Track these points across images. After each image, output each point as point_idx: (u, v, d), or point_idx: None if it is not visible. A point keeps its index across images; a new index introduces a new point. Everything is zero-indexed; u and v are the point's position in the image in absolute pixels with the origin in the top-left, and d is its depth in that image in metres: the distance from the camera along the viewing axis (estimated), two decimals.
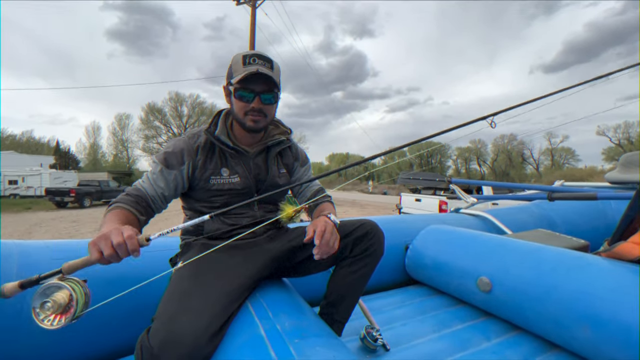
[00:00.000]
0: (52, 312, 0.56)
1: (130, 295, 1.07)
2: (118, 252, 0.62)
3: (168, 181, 0.90)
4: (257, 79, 0.88)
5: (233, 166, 0.96)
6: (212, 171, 0.94)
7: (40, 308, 0.56)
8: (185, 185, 0.94)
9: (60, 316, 0.56)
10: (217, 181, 0.93)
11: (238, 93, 0.90)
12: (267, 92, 0.91)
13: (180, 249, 1.00)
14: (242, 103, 0.91)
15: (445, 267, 1.50)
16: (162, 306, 0.71)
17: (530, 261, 1.20)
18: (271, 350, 0.57)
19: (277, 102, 0.97)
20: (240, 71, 0.88)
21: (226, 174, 0.95)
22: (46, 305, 0.56)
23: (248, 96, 0.90)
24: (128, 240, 0.63)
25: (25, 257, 0.99)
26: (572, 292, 1.01)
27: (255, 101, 0.90)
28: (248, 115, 0.91)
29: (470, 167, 47.69)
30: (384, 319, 1.31)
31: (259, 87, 0.90)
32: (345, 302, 1.00)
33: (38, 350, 0.92)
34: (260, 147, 1.00)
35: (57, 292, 0.57)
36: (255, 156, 1.00)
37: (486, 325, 1.26)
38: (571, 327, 0.98)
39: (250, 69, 0.87)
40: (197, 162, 0.93)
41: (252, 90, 0.89)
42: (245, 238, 0.96)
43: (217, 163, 0.95)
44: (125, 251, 0.62)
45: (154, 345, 0.62)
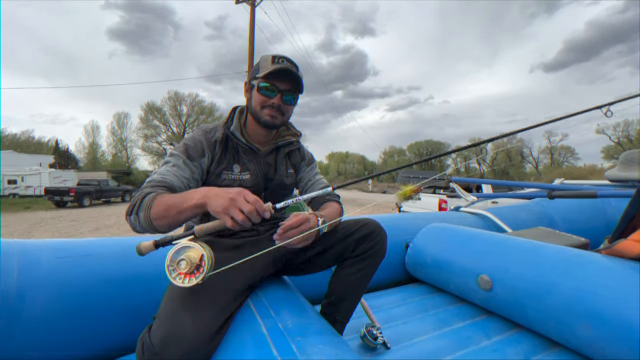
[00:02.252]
0: (185, 269, 0.61)
1: (131, 293, 1.08)
2: (250, 217, 0.65)
3: (192, 172, 0.89)
4: (283, 76, 0.91)
5: (245, 163, 0.97)
6: (225, 166, 0.95)
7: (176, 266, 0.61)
8: (204, 177, 0.93)
9: (191, 276, 0.61)
10: (228, 176, 0.94)
11: (262, 86, 0.92)
12: (290, 92, 0.94)
13: None
14: (263, 97, 0.93)
15: (446, 266, 1.50)
16: (164, 304, 0.72)
17: (531, 259, 1.20)
18: (273, 348, 0.57)
19: (295, 104, 0.99)
20: (268, 68, 0.90)
21: (237, 170, 0.96)
22: (181, 263, 0.61)
23: (271, 92, 0.92)
24: (256, 204, 0.66)
25: (25, 256, 0.99)
26: (573, 289, 1.01)
27: (276, 97, 0.92)
28: (265, 109, 0.93)
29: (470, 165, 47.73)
30: (384, 317, 1.31)
31: (283, 85, 0.92)
32: (347, 302, 1.00)
33: (40, 347, 0.92)
34: (272, 147, 1.02)
35: (189, 251, 0.62)
36: (266, 155, 1.02)
37: (486, 323, 1.27)
38: (572, 325, 0.99)
39: (278, 65, 0.90)
40: (214, 156, 0.94)
41: (275, 86, 0.92)
42: (249, 236, 0.97)
43: (230, 159, 0.96)
44: (257, 216, 0.66)
45: (155, 343, 0.62)
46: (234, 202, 0.65)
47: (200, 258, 0.62)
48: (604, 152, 36.82)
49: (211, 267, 0.63)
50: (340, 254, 0.96)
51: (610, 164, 32.36)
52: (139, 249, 0.64)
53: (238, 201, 0.65)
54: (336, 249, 0.96)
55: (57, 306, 0.95)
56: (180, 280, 0.61)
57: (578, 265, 1.06)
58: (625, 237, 1.07)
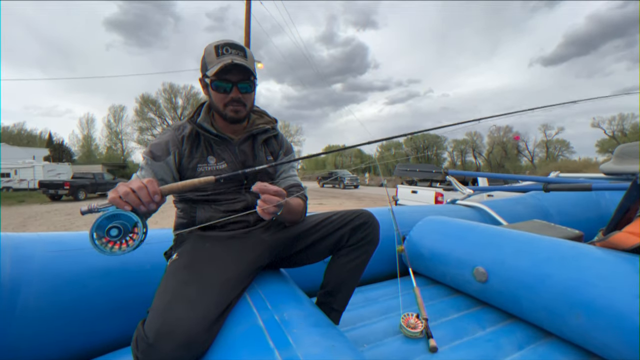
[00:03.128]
0: (116, 237, 0.62)
1: (126, 287, 1.07)
2: (139, 194, 0.65)
3: (156, 173, 0.90)
4: (232, 69, 0.87)
5: (219, 153, 0.96)
6: (198, 159, 0.94)
7: (105, 234, 0.62)
8: (175, 175, 0.93)
9: (123, 244, 0.63)
10: (204, 169, 0.94)
11: (215, 84, 0.89)
12: (244, 81, 0.91)
13: (174, 242, 0.99)
14: (220, 94, 0.91)
15: (442, 258, 1.52)
16: (158, 297, 0.71)
17: (526, 251, 1.21)
18: (270, 340, 0.57)
19: (254, 89, 0.96)
20: (214, 62, 0.87)
21: (213, 161, 0.95)
22: (112, 231, 0.62)
23: (225, 86, 0.90)
24: (148, 184, 0.66)
25: (18, 250, 0.98)
26: (567, 280, 1.02)
27: (233, 91, 0.90)
28: (228, 107, 0.92)
29: (466, 159, 47.93)
30: (380, 309, 1.33)
31: (235, 77, 0.89)
32: (343, 290, 1.01)
33: (35, 341, 0.91)
34: (245, 135, 1.00)
35: (121, 218, 0.63)
36: (241, 143, 1.00)
37: (481, 314, 1.28)
38: (564, 315, 1.00)
39: (224, 59, 0.86)
40: (183, 152, 0.93)
41: (228, 80, 0.89)
42: (240, 228, 0.96)
43: (204, 152, 0.95)
44: (147, 194, 0.66)
45: (149, 336, 0.62)
46: (128, 183, 0.67)
47: (134, 225, 0.64)
48: (599, 145, 37.15)
49: (144, 234, 0.65)
50: (335, 244, 0.98)
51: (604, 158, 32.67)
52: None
53: (132, 182, 0.67)
54: (331, 239, 0.98)
55: (51, 300, 0.95)
56: (109, 249, 0.62)
57: (572, 257, 1.07)
58: (619, 229, 1.08)
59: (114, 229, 0.62)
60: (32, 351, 0.91)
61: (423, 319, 1.15)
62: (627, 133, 35.23)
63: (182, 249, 0.89)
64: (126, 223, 0.64)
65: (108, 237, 0.62)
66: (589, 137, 47.05)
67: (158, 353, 0.61)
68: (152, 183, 0.68)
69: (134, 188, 0.65)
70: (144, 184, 0.67)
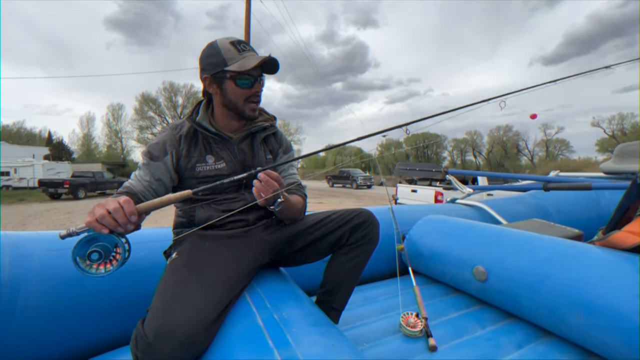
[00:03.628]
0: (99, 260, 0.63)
1: (125, 286, 1.07)
2: (115, 216, 0.64)
3: (153, 173, 0.90)
4: (268, 63, 0.90)
5: (218, 152, 0.96)
6: (197, 159, 0.94)
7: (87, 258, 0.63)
8: (173, 176, 0.93)
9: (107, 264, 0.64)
10: (203, 168, 0.94)
11: (241, 79, 0.90)
12: (261, 76, 0.94)
13: (174, 241, 0.99)
14: (243, 90, 0.91)
15: (442, 257, 1.51)
16: (157, 296, 0.71)
17: (526, 250, 1.21)
18: (269, 339, 0.57)
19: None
20: (237, 58, 0.88)
21: (211, 160, 0.95)
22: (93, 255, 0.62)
23: (248, 82, 0.91)
24: (124, 204, 0.65)
25: (17, 249, 0.98)
26: (566, 280, 1.02)
27: (255, 85, 0.92)
28: (247, 103, 0.92)
29: (466, 158, 47.91)
30: (380, 308, 1.33)
31: (257, 72, 0.91)
32: (342, 289, 1.01)
33: (35, 340, 0.91)
34: (244, 133, 0.99)
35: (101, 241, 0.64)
36: (239, 142, 0.99)
37: (481, 313, 1.28)
38: (564, 314, 1.00)
39: (248, 55, 0.89)
40: (180, 151, 0.93)
41: (253, 75, 0.91)
42: (239, 227, 0.96)
43: (202, 151, 0.95)
44: (123, 215, 0.65)
45: (149, 335, 0.62)
46: (104, 204, 0.65)
47: (115, 245, 0.65)
48: (599, 145, 37.15)
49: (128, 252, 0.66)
50: (335, 243, 0.98)
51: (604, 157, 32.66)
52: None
53: (108, 203, 0.65)
54: (330, 238, 0.97)
55: (51, 299, 0.95)
56: (94, 270, 0.63)
57: (572, 256, 1.07)
58: (619, 228, 1.08)
59: (95, 252, 0.62)
60: (32, 350, 0.91)
61: (423, 318, 1.15)
62: (627, 132, 35.23)
63: (182, 247, 0.89)
64: (106, 244, 0.64)
65: (89, 261, 0.62)
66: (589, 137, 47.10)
67: (157, 352, 0.60)
68: (128, 203, 0.66)
69: (110, 210, 0.64)
70: (120, 205, 0.65)
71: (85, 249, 0.62)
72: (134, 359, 0.66)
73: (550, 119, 42.47)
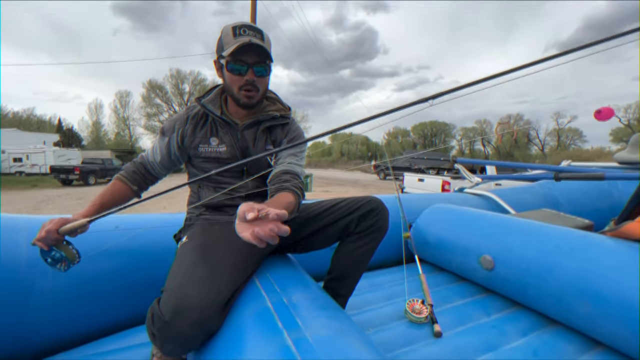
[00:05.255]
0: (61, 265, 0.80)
1: (137, 269, 1.10)
2: (45, 241, 0.76)
3: (162, 147, 0.98)
4: (249, 50, 0.86)
5: (222, 136, 0.97)
6: (200, 139, 0.96)
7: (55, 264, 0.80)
8: (177, 152, 0.98)
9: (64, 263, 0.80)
10: (205, 149, 0.96)
11: (230, 66, 0.88)
12: (259, 64, 0.90)
13: (184, 226, 1.01)
14: (234, 76, 0.90)
15: (449, 245, 1.51)
16: (171, 278, 0.73)
17: (534, 240, 1.20)
18: (278, 321, 0.59)
19: (269, 74, 0.95)
20: (231, 43, 0.86)
21: (215, 143, 0.96)
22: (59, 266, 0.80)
23: (240, 69, 0.88)
24: (50, 228, 0.75)
25: (32, 232, 1.00)
26: (576, 270, 1.01)
27: (248, 73, 0.89)
28: (242, 91, 0.91)
29: (474, 147, 47.19)
30: (386, 295, 1.34)
31: (251, 59, 0.88)
32: (350, 277, 1.02)
33: (52, 319, 0.95)
34: (250, 121, 0.98)
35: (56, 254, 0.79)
36: (245, 129, 0.99)
37: (487, 301, 1.29)
38: (571, 303, 1.00)
39: (241, 39, 0.85)
40: (186, 130, 0.97)
41: (244, 62, 0.88)
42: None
43: (207, 132, 0.97)
44: (44, 241, 0.76)
45: (165, 313, 0.64)
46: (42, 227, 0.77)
47: (69, 254, 0.79)
48: (613, 134, 36.11)
49: (72, 257, 0.80)
50: (343, 231, 0.97)
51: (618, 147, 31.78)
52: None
53: (42, 227, 0.76)
54: (339, 225, 0.97)
55: (67, 281, 0.98)
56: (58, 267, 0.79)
57: (582, 247, 1.06)
58: (632, 219, 1.06)
59: (49, 259, 0.78)
60: (49, 329, 0.95)
61: (428, 304, 1.16)
62: None
63: (192, 231, 0.90)
64: (55, 254, 0.78)
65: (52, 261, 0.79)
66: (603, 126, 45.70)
67: (173, 330, 0.63)
68: (54, 226, 0.75)
69: (40, 236, 0.75)
70: (44, 232, 0.75)
71: (43, 257, 0.79)
72: (150, 336, 0.69)
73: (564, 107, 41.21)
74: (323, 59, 73.22)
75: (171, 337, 0.64)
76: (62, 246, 0.79)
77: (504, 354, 0.95)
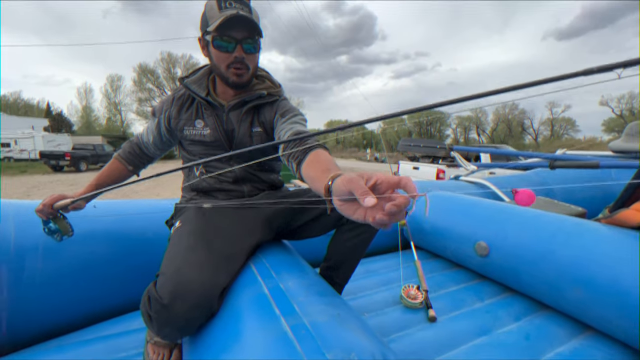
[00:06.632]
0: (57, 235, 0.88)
1: (129, 254, 1.09)
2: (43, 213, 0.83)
3: (152, 128, 0.99)
4: (236, 24, 0.80)
5: (205, 118, 0.93)
6: (185, 121, 0.94)
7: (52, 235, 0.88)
8: (164, 133, 0.98)
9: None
10: (190, 132, 0.94)
11: (216, 42, 0.82)
12: (248, 40, 0.83)
13: (175, 211, 0.99)
14: (222, 53, 0.83)
15: (444, 232, 1.52)
16: (168, 262, 0.71)
17: (529, 227, 1.21)
18: (275, 307, 0.58)
19: (259, 50, 0.89)
20: (216, 17, 0.80)
21: (200, 125, 0.93)
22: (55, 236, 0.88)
23: (228, 45, 0.82)
24: (43, 205, 0.82)
25: (21, 217, 0.98)
26: (569, 256, 1.02)
27: (236, 50, 0.83)
28: (230, 69, 0.85)
29: (469, 136, 47.33)
30: (381, 280, 1.35)
31: (239, 34, 0.81)
32: (345, 265, 1.01)
33: (41, 305, 0.94)
34: (236, 101, 0.91)
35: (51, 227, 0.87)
36: (230, 110, 0.93)
37: (481, 287, 1.31)
38: (564, 289, 1.01)
39: (227, 12, 0.78)
40: (171, 112, 0.94)
41: (231, 37, 0.82)
42: (234, 197, 0.97)
43: (192, 114, 0.94)
44: (41, 213, 0.83)
45: (163, 296, 0.63)
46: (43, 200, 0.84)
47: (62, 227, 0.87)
48: (605, 124, 36.46)
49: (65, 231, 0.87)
50: (339, 218, 0.95)
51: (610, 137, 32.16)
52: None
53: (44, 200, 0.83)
54: (335, 213, 0.94)
55: (57, 265, 0.96)
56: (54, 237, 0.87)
57: (576, 234, 1.06)
58: (627, 206, 1.07)
59: (46, 229, 0.86)
60: (40, 315, 0.94)
61: (423, 290, 1.17)
62: (636, 112, 34.45)
63: (185, 216, 0.88)
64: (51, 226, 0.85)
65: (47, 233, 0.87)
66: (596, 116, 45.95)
67: (172, 312, 0.62)
68: (50, 200, 0.83)
69: (38, 208, 0.83)
70: (43, 203, 0.82)
71: (43, 225, 0.86)
72: (146, 319, 0.68)
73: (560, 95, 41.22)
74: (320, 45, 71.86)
75: (169, 320, 0.63)
76: (57, 219, 0.86)
77: (496, 338, 0.96)
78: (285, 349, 0.49)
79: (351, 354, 0.47)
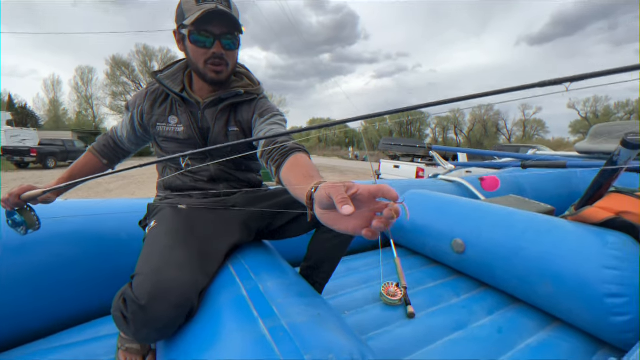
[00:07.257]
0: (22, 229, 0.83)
1: (101, 257, 1.04)
2: (4, 202, 0.79)
3: (126, 123, 0.96)
4: (215, 18, 0.77)
5: (180, 115, 0.90)
6: (158, 117, 0.90)
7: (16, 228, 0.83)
8: (138, 129, 0.95)
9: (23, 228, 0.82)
10: (163, 128, 0.91)
11: (193, 37, 0.79)
12: (227, 35, 0.80)
13: (148, 211, 0.95)
14: (199, 49, 0.81)
15: (423, 230, 1.56)
16: (144, 262, 0.68)
17: (503, 224, 1.26)
18: (254, 309, 0.57)
19: (238, 47, 0.86)
20: (194, 10, 0.76)
21: (174, 122, 0.90)
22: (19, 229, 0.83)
23: (206, 40, 0.79)
24: (9, 195, 0.78)
25: None
26: (539, 252, 1.07)
27: (215, 46, 0.80)
28: (208, 65, 0.82)
29: (447, 136, 48.73)
30: (362, 278, 1.37)
31: (218, 29, 0.79)
32: (326, 265, 1.01)
33: (7, 310, 0.87)
34: (212, 98, 0.88)
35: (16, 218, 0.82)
36: (206, 107, 0.89)
37: (457, 282, 1.35)
38: (534, 283, 1.07)
39: (205, 6, 0.75)
40: (144, 107, 0.91)
41: (210, 33, 0.79)
42: (211, 197, 0.94)
43: (166, 110, 0.90)
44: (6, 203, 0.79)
45: (140, 297, 0.59)
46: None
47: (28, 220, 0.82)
48: (572, 126, 38.65)
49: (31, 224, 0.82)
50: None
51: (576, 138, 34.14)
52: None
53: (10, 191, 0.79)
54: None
55: (19, 269, 0.90)
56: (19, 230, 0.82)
57: (546, 230, 1.12)
58: (590, 204, 1.13)
59: (10, 221, 0.81)
60: (7, 320, 0.87)
61: (402, 287, 1.20)
62: (599, 115, 36.72)
63: (160, 216, 0.85)
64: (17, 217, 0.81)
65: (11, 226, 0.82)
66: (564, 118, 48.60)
67: (150, 313, 0.59)
68: (17, 192, 0.78)
69: (3, 197, 0.79)
70: (9, 193, 0.78)
71: (6, 217, 0.82)
72: (121, 323, 0.64)
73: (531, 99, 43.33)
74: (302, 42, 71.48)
75: (148, 322, 0.60)
76: (23, 211, 0.81)
77: (471, 332, 1.00)
78: (264, 351, 0.48)
79: (330, 355, 0.47)
